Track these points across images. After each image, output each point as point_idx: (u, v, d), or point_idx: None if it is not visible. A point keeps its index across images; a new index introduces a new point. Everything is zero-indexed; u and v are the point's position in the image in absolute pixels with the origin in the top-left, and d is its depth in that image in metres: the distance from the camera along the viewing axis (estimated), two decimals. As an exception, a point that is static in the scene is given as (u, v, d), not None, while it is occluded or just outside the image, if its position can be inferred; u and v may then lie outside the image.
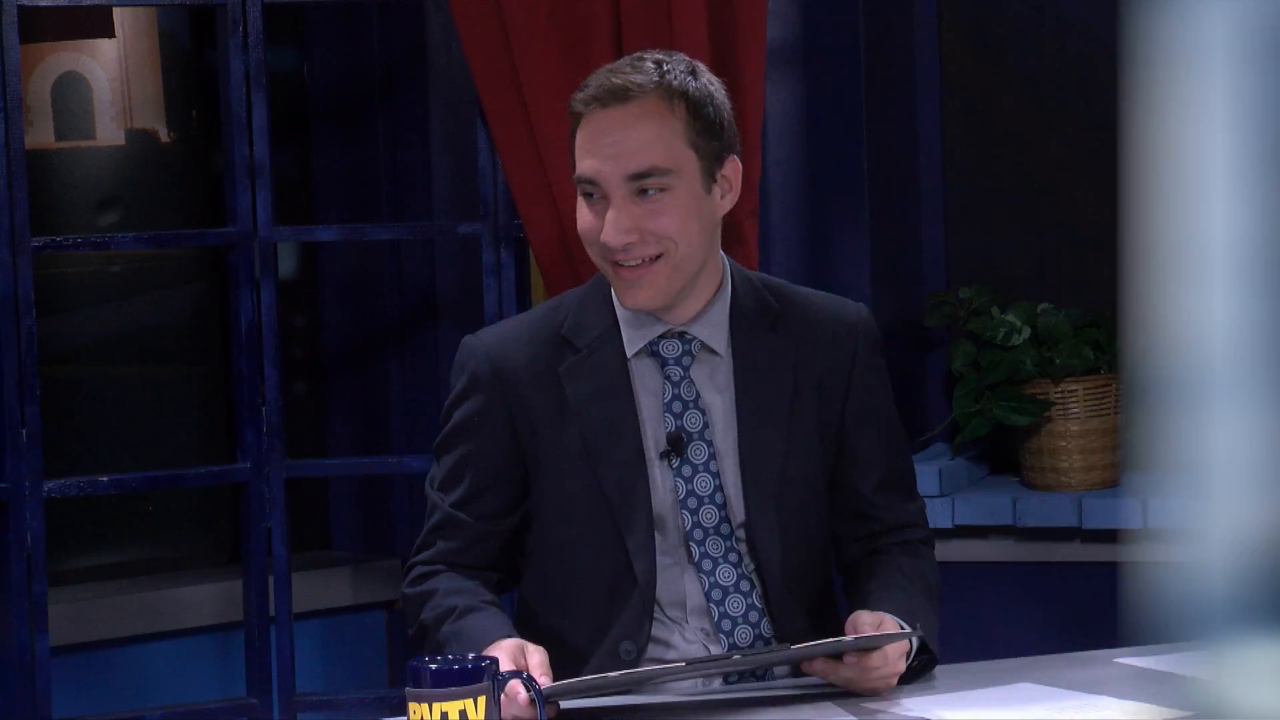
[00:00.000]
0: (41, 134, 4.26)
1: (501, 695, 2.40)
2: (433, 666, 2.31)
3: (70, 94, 4.28)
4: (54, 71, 4.26)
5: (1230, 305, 1.05)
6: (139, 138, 4.36)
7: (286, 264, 4.55)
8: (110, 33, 4.31)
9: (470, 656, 2.35)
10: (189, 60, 4.44)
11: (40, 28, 4.18)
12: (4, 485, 3.69)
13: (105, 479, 3.82)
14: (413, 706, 2.31)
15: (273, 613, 3.87)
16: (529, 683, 2.42)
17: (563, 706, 2.53)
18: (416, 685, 2.31)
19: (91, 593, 4.22)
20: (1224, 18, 1.03)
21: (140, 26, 4.35)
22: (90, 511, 4.31)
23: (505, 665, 2.48)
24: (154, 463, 4.26)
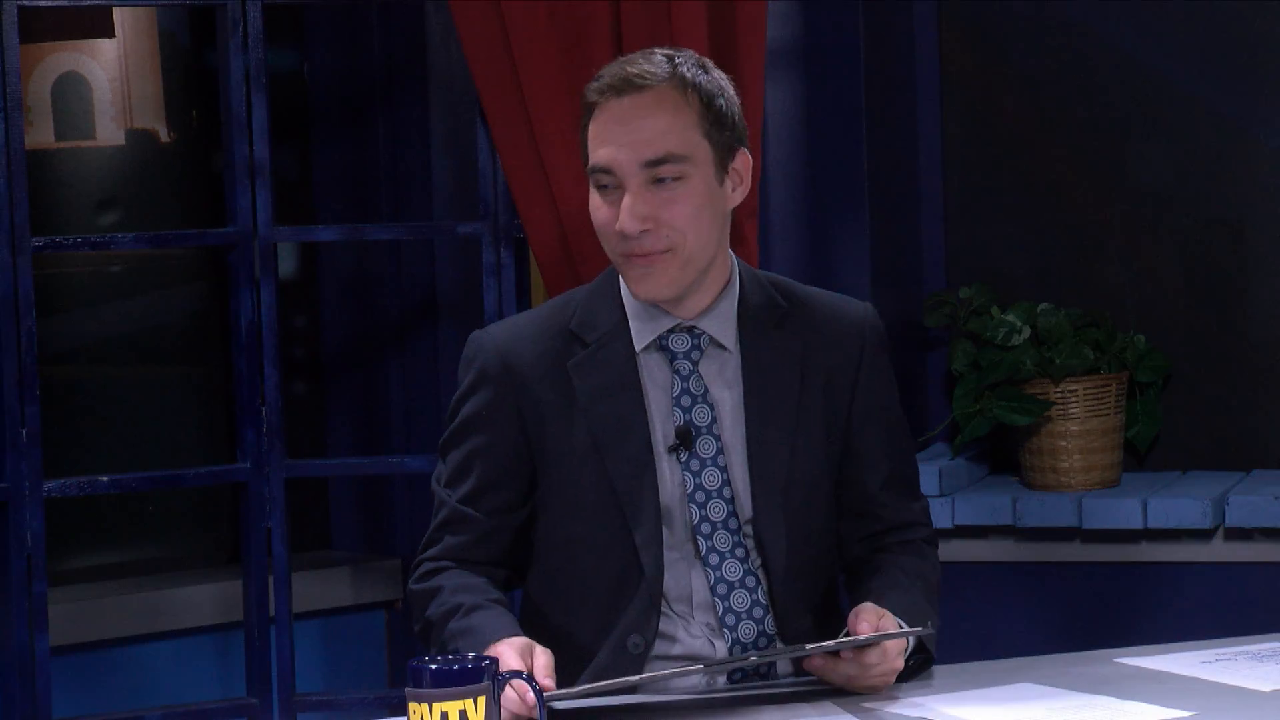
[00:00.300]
0: (41, 134, 4.26)
1: (502, 694, 2.41)
2: (433, 666, 2.31)
3: (70, 94, 4.28)
4: (54, 71, 4.27)
5: None
6: (139, 138, 4.36)
7: (286, 264, 4.55)
8: (110, 33, 4.31)
9: (470, 656, 2.35)
10: (189, 60, 4.44)
11: (40, 28, 4.18)
12: (4, 485, 3.69)
13: (105, 479, 3.82)
14: (413, 706, 2.31)
15: (273, 613, 3.87)
16: (529, 682, 2.42)
17: (559, 707, 2.53)
18: (416, 685, 2.31)
19: (91, 593, 4.22)
20: None
21: (140, 26, 4.35)
22: (90, 511, 4.31)
23: (513, 664, 2.48)
24: (154, 463, 4.26)
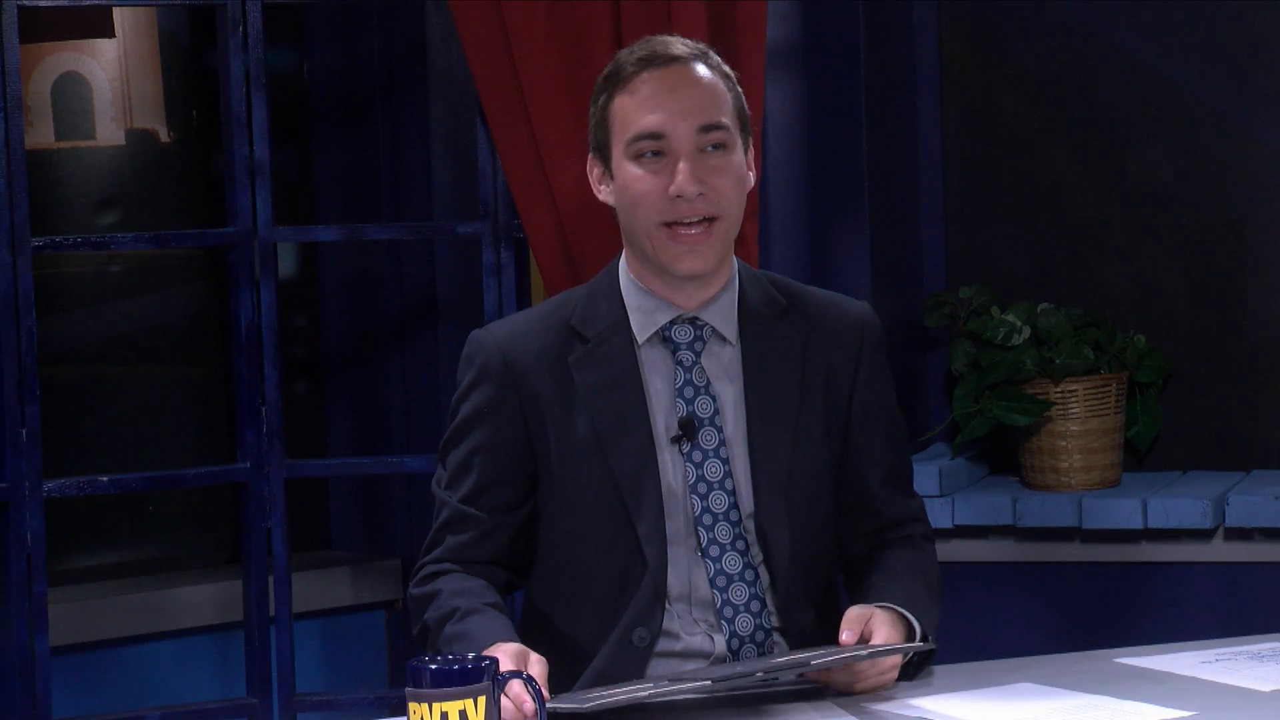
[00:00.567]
0: (41, 134, 4.26)
1: (503, 697, 2.41)
2: (433, 666, 2.31)
3: (70, 94, 4.28)
4: (54, 71, 4.27)
5: None
6: (139, 138, 4.36)
7: (286, 264, 4.55)
8: (110, 33, 4.31)
9: (470, 656, 2.35)
10: (189, 60, 4.44)
11: (40, 28, 4.18)
12: (4, 485, 3.69)
13: (105, 479, 3.82)
14: (413, 706, 2.31)
15: (273, 613, 3.87)
16: (529, 683, 2.42)
17: (554, 707, 2.53)
18: (416, 685, 2.31)
19: (91, 593, 4.22)
20: None
21: (140, 26, 4.35)
22: (90, 511, 4.31)
23: (506, 667, 2.48)
24: (154, 463, 4.26)
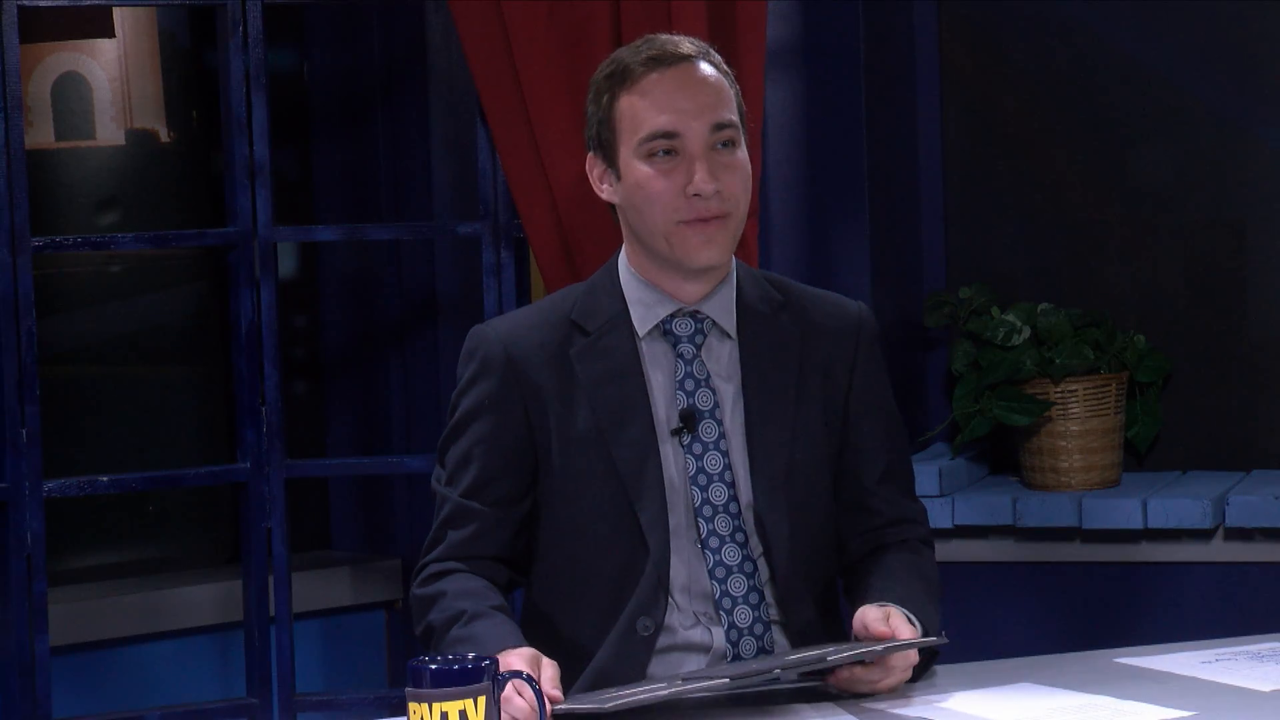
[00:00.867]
0: (41, 134, 4.26)
1: (503, 696, 2.41)
2: (433, 666, 2.31)
3: (70, 94, 4.28)
4: (54, 71, 4.27)
5: None
6: (139, 138, 4.36)
7: (286, 264, 4.55)
8: (110, 33, 4.31)
9: (470, 656, 2.35)
10: (189, 60, 4.44)
11: (40, 28, 4.18)
12: (4, 485, 3.69)
13: (105, 479, 3.82)
14: (413, 706, 2.31)
15: (273, 613, 3.87)
16: (529, 682, 2.42)
17: (571, 708, 2.53)
18: (416, 685, 2.31)
19: (91, 593, 4.22)
20: None
21: (140, 26, 4.35)
22: (90, 511, 4.31)
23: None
24: (154, 463, 4.26)
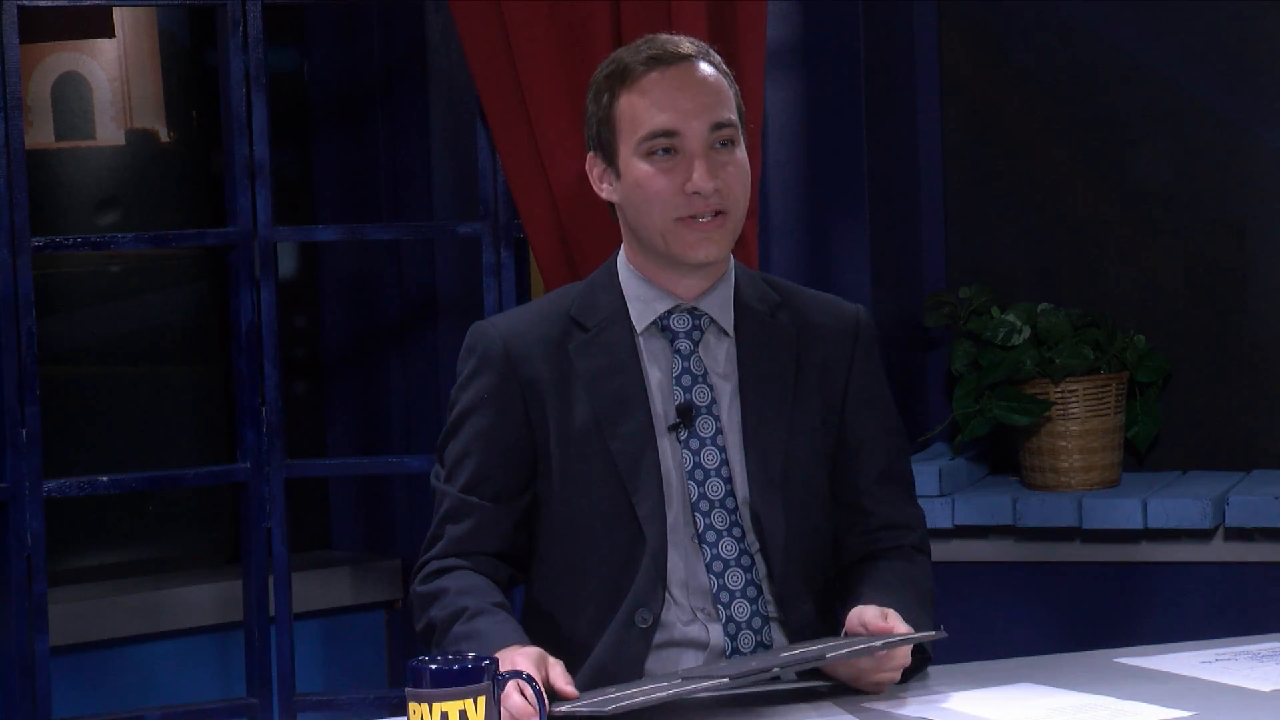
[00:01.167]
0: (41, 134, 4.26)
1: (503, 695, 2.41)
2: (433, 666, 2.31)
3: (70, 94, 4.28)
4: (54, 71, 4.27)
5: None
6: (139, 138, 4.36)
7: (286, 264, 4.55)
8: (110, 33, 4.31)
9: (470, 656, 2.35)
10: (189, 60, 4.44)
11: (40, 28, 4.18)
12: (4, 485, 3.69)
13: (105, 479, 3.82)
14: (413, 706, 2.31)
15: (273, 613, 3.87)
16: (529, 682, 2.42)
17: (572, 709, 2.53)
18: (416, 685, 2.31)
19: (91, 593, 4.22)
20: None
21: (140, 26, 4.35)
22: (90, 511, 4.31)
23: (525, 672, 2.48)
24: (154, 463, 4.26)
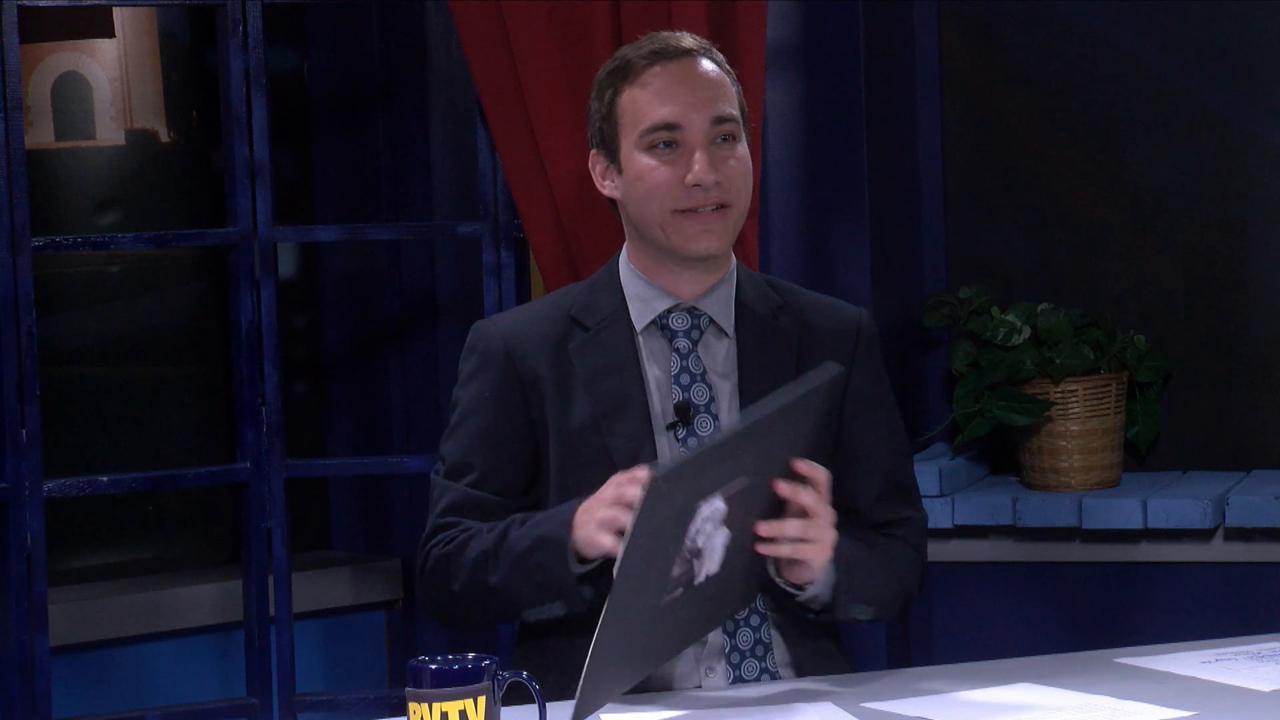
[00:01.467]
0: (41, 134, 4.26)
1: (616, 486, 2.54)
2: (433, 667, 2.32)
3: (70, 94, 4.28)
4: (54, 71, 4.26)
5: None
6: (139, 138, 4.36)
7: (286, 264, 4.55)
8: (110, 33, 4.31)
9: (470, 656, 2.35)
10: (189, 60, 4.44)
11: (40, 28, 4.18)
12: (4, 485, 3.69)
13: (105, 479, 3.82)
14: (413, 706, 2.31)
15: (273, 613, 3.87)
16: (529, 683, 2.41)
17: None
18: (416, 685, 2.31)
19: (91, 593, 4.22)
20: None
21: (140, 26, 4.35)
22: (90, 511, 4.31)
23: (619, 488, 2.57)
24: (154, 463, 4.26)
